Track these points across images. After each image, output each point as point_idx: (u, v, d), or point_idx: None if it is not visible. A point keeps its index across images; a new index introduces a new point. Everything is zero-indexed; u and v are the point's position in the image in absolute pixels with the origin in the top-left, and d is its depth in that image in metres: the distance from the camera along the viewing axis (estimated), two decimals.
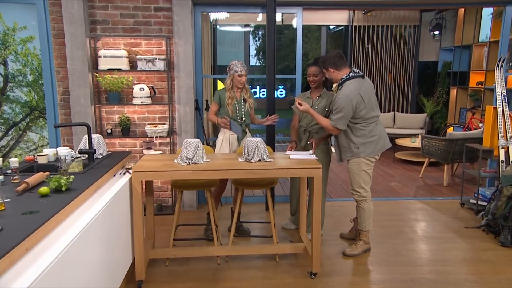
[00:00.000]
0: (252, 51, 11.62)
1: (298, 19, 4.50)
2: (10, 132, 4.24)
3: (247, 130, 3.75)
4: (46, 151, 2.92)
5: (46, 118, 4.24)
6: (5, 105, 4.19)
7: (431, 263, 3.30)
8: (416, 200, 4.95)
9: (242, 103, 3.63)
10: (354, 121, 3.21)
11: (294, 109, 3.55)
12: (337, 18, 8.33)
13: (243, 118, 3.65)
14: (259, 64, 11.96)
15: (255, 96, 3.88)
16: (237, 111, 3.62)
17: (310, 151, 3.31)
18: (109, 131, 4.25)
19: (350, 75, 3.19)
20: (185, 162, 2.91)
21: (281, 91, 9.61)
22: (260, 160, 3.01)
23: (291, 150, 3.53)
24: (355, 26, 8.23)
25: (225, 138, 3.67)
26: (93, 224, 2.11)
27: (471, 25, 7.58)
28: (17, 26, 4.07)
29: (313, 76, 3.55)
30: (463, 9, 7.72)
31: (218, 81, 7.92)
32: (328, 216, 4.23)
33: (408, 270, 3.18)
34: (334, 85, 3.56)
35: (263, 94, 9.74)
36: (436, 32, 8.27)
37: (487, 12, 7.15)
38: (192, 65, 4.25)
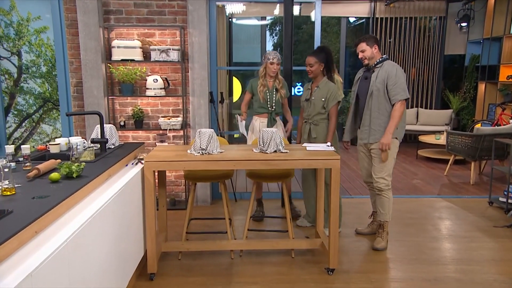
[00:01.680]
0: (269, 47, 11.43)
1: (317, 9, 4.34)
2: (23, 124, 4.25)
3: (277, 119, 3.79)
4: (59, 140, 2.90)
5: (59, 109, 4.22)
6: (19, 96, 4.19)
7: (456, 262, 3.11)
8: (440, 198, 4.72)
9: (274, 92, 3.68)
10: None
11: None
12: (357, 10, 8.05)
13: (274, 107, 3.70)
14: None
15: None
16: (268, 99, 3.68)
17: (328, 143, 3.18)
18: (122, 123, 4.19)
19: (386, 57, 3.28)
20: (199, 153, 2.83)
21: (298, 89, 9.39)
22: (275, 151, 2.89)
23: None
24: (377, 19, 7.95)
25: (255, 126, 3.76)
26: (104, 211, 2.09)
27: (502, 15, 7.22)
28: (31, 16, 4.07)
29: (309, 66, 3.47)
30: None
31: (234, 78, 7.81)
32: (347, 213, 4.06)
33: (431, 268, 3.00)
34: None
35: None
36: (464, 24, 7.89)
37: None
38: (207, 56, 4.16)
